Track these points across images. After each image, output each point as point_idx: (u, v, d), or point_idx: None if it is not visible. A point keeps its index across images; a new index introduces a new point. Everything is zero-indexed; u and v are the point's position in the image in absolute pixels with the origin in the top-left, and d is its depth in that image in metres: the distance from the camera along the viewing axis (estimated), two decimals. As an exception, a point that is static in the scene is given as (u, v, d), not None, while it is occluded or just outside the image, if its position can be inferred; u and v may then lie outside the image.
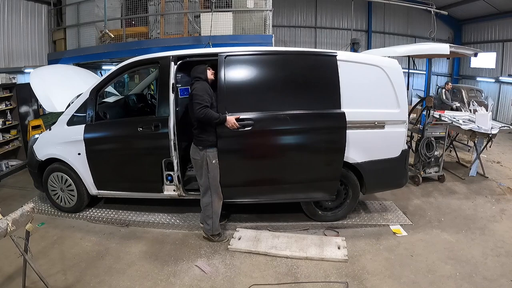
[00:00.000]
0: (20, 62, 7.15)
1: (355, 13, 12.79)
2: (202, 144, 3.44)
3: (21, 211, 2.48)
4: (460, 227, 4.08)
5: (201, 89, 3.35)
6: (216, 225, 3.64)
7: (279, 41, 13.18)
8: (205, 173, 3.48)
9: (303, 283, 3.04)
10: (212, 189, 3.53)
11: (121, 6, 7.31)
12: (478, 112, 6.14)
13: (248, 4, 6.74)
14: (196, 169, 3.56)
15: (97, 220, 4.21)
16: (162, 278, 3.11)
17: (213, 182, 3.52)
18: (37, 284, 2.84)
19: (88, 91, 4.08)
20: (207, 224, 3.62)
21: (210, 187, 3.52)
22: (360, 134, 3.74)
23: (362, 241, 3.72)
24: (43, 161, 4.26)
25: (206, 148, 3.43)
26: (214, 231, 3.65)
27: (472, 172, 5.93)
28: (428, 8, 9.86)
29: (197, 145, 3.48)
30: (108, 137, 4.07)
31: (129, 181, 4.12)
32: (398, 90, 3.78)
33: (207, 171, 3.47)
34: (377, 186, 4.17)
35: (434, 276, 3.13)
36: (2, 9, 6.68)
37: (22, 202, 4.44)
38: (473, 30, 14.35)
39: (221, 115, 3.37)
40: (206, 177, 3.49)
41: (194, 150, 3.52)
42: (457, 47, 5.38)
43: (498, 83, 12.83)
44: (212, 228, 3.63)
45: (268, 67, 3.72)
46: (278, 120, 3.58)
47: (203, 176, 3.51)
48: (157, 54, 3.97)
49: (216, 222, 3.63)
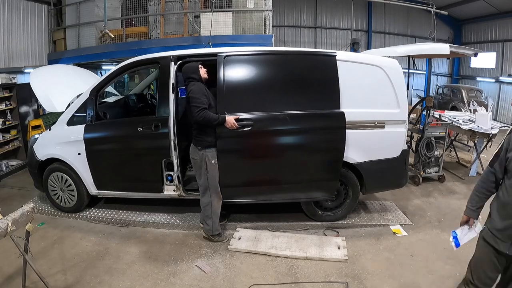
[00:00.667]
0: (20, 62, 7.16)
1: (355, 13, 12.81)
2: (201, 144, 3.44)
3: (21, 211, 2.48)
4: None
5: (197, 91, 3.30)
6: (216, 225, 3.64)
7: (279, 41, 13.20)
8: (204, 173, 3.49)
9: (303, 283, 3.04)
10: (211, 189, 3.53)
11: (121, 6, 7.32)
12: (478, 112, 6.14)
13: (248, 4, 6.74)
14: (195, 169, 3.56)
15: (97, 220, 4.21)
16: (162, 278, 3.11)
17: (212, 182, 3.52)
18: (37, 284, 2.84)
19: (88, 91, 4.07)
20: (207, 224, 3.63)
21: (209, 187, 3.52)
22: (360, 134, 3.73)
23: (362, 241, 3.72)
24: (43, 161, 4.26)
25: (205, 148, 3.43)
26: (214, 231, 3.65)
27: (472, 172, 5.93)
28: (428, 8, 9.88)
29: (196, 145, 3.48)
30: (108, 137, 4.06)
31: (129, 181, 4.12)
32: (398, 90, 3.78)
33: (206, 171, 3.47)
34: (377, 186, 4.17)
35: (434, 276, 3.13)
36: (2, 9, 6.69)
37: (22, 202, 4.43)
38: (473, 30, 14.36)
39: (220, 116, 3.37)
40: (205, 177, 3.49)
41: (193, 150, 3.52)
42: (457, 47, 5.38)
43: (498, 83, 12.85)
44: (212, 228, 3.63)
45: (267, 67, 3.72)
46: (278, 120, 3.58)
47: (202, 176, 3.51)
48: (157, 54, 3.97)
49: (216, 222, 3.63)
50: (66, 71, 5.39)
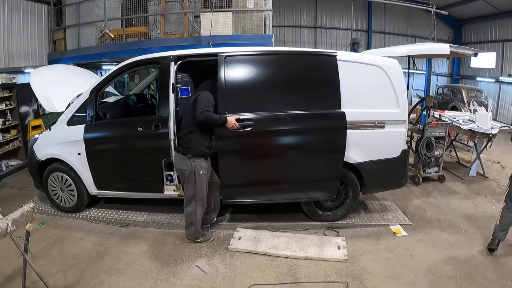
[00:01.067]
0: (20, 62, 7.16)
1: (355, 13, 12.81)
2: (191, 153, 3.34)
3: (21, 211, 2.48)
4: (460, 227, 4.08)
5: (205, 97, 3.35)
6: (198, 229, 3.63)
7: (279, 41, 13.19)
8: (191, 184, 3.41)
9: (303, 283, 3.04)
10: (197, 199, 3.48)
11: (121, 6, 7.32)
12: (478, 112, 6.13)
13: (248, 4, 6.74)
14: (182, 180, 3.50)
15: (97, 220, 4.21)
16: (162, 278, 3.11)
17: (199, 193, 3.46)
18: (37, 284, 2.84)
19: (88, 91, 4.07)
20: (189, 230, 3.63)
21: (196, 197, 3.47)
22: (360, 134, 3.73)
23: (362, 241, 3.72)
24: (43, 161, 4.26)
25: (195, 157, 3.35)
26: (196, 235, 3.65)
27: (472, 172, 5.93)
28: (428, 8, 9.88)
29: (184, 153, 3.38)
30: (108, 137, 4.06)
31: (129, 181, 4.12)
32: (398, 90, 3.78)
33: (194, 182, 3.40)
34: (377, 186, 4.17)
35: (434, 276, 3.13)
36: (2, 9, 6.69)
37: (22, 202, 4.43)
38: (473, 30, 14.36)
39: (222, 116, 3.37)
40: (192, 187, 3.43)
41: (179, 160, 3.41)
42: (457, 47, 5.38)
43: (498, 83, 12.85)
44: (194, 233, 3.63)
45: (268, 67, 3.72)
46: (279, 120, 3.58)
47: (189, 188, 3.44)
48: (157, 54, 3.97)
49: (198, 227, 3.63)
50: (66, 71, 5.39)
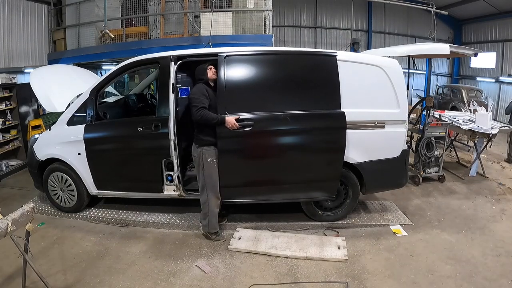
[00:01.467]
0: (20, 62, 7.16)
1: (355, 13, 12.80)
2: (199, 143, 3.52)
3: (21, 211, 2.48)
4: (460, 227, 4.08)
5: (197, 91, 3.42)
6: (212, 223, 3.66)
7: (279, 41, 13.20)
8: (201, 171, 3.55)
9: (303, 283, 3.04)
10: (207, 187, 3.57)
11: (121, 6, 7.31)
12: (478, 112, 6.13)
13: (248, 4, 6.73)
14: (195, 166, 3.64)
15: (97, 220, 4.21)
16: (162, 278, 3.11)
17: (208, 180, 3.55)
18: (37, 284, 2.84)
19: (88, 91, 4.07)
20: (204, 221, 3.68)
21: (206, 185, 3.57)
22: (360, 134, 3.73)
23: (362, 241, 3.72)
24: (43, 161, 4.26)
25: (202, 146, 3.49)
26: (210, 229, 3.68)
27: (472, 172, 5.93)
28: (428, 8, 9.87)
29: (195, 143, 3.57)
30: (108, 137, 4.06)
31: (129, 181, 4.12)
32: (398, 90, 3.78)
33: (202, 168, 3.53)
34: (377, 186, 4.17)
35: (434, 276, 3.13)
36: (2, 9, 6.69)
37: (22, 202, 4.43)
38: (473, 30, 14.36)
39: (219, 116, 3.38)
40: (201, 174, 3.56)
41: (193, 148, 3.61)
42: (457, 47, 5.37)
43: (498, 83, 12.85)
44: (208, 226, 3.67)
45: (268, 67, 3.72)
46: (278, 120, 3.58)
47: (199, 175, 3.59)
48: (157, 54, 3.97)
49: (212, 220, 3.65)
50: (66, 71, 5.39)
